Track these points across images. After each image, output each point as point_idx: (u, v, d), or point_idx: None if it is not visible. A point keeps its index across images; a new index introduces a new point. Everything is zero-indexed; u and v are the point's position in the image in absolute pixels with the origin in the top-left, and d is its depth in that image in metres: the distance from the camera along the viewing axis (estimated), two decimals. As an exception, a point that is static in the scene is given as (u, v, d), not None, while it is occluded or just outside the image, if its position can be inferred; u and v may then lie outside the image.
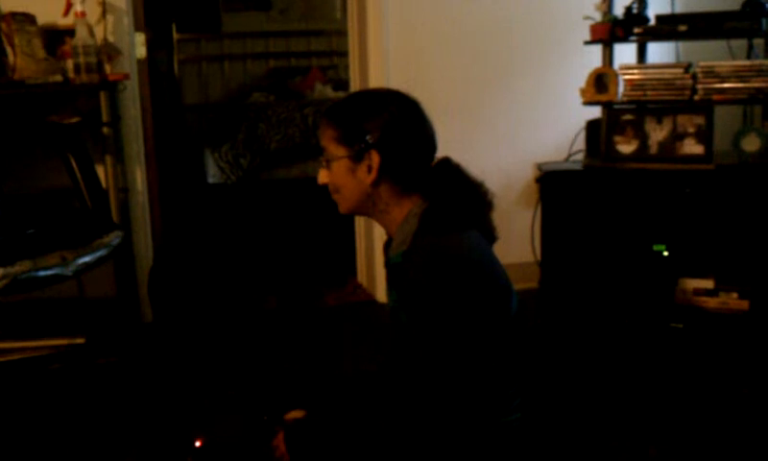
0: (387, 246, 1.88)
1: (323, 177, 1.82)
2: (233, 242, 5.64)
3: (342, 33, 6.15)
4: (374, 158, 1.73)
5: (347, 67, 4.84)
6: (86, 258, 2.84)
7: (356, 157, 1.75)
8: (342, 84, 6.82)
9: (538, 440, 1.78)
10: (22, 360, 3.31)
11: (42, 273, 2.69)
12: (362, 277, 4.59)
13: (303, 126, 6.46)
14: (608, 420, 2.88)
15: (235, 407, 2.34)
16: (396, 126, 1.75)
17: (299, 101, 6.69)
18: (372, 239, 4.30)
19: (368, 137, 1.73)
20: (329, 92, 6.86)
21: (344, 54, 5.81)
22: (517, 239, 4.19)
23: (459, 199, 1.76)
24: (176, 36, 6.89)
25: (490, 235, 1.82)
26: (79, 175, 3.38)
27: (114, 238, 3.10)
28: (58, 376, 3.28)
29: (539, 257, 4.00)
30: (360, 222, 4.50)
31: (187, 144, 6.51)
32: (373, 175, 1.74)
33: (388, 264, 1.84)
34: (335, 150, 1.77)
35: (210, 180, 6.22)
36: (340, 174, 1.78)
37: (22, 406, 3.05)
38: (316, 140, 5.91)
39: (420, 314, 1.65)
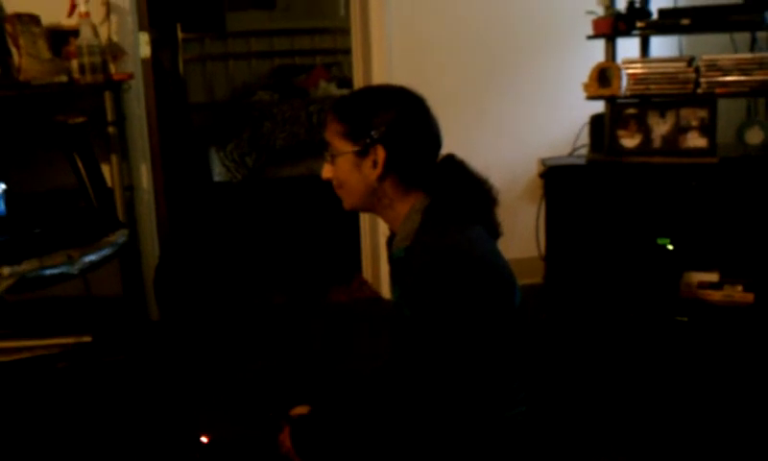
0: (390, 241, 1.88)
1: (327, 172, 1.83)
2: (239, 240, 5.65)
3: (345, 30, 6.13)
4: (380, 154, 1.74)
5: (350, 65, 4.84)
6: (92, 257, 2.84)
7: (361, 153, 1.75)
8: (346, 81, 6.82)
9: (542, 434, 1.79)
10: (29, 359, 3.33)
11: (49, 271, 2.69)
12: (367, 273, 4.59)
13: (308, 123, 6.47)
14: (613, 414, 2.88)
15: (242, 404, 2.35)
16: (402, 122, 1.75)
17: (303, 99, 6.69)
18: (377, 236, 4.31)
19: (373, 133, 1.73)
20: (334, 90, 6.86)
21: (347, 51, 5.81)
22: (522, 234, 4.19)
23: (462, 194, 1.77)
24: (180, 35, 6.89)
25: (494, 231, 1.82)
26: (84, 174, 3.40)
27: (120, 237, 3.10)
28: (64, 374, 3.29)
29: (543, 252, 4.01)
30: (365, 219, 4.51)
31: (193, 143, 6.52)
32: (378, 170, 1.75)
33: (391, 259, 1.85)
34: (340, 145, 1.78)
35: (216, 178, 6.23)
36: (345, 169, 1.78)
37: (29, 405, 3.06)
38: (321, 138, 5.94)
39: (422, 309, 1.66)
